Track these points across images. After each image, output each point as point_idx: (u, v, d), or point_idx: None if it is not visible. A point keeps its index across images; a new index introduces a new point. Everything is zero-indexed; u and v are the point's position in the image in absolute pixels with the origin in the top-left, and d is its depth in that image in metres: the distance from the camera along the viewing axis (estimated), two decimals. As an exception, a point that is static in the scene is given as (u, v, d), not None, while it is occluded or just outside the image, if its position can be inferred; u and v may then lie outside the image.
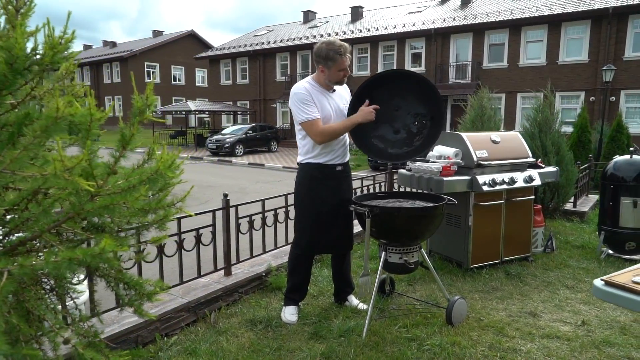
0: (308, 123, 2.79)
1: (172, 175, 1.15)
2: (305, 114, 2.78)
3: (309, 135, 2.80)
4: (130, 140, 1.12)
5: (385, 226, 2.72)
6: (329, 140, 2.80)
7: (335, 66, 2.77)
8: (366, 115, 2.75)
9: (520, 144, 4.10)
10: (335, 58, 2.75)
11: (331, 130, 2.77)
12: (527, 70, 19.60)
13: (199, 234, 3.14)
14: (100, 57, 39.05)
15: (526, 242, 4.12)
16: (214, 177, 13.84)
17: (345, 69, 2.80)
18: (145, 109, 1.13)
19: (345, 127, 2.78)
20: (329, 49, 2.75)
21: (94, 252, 0.88)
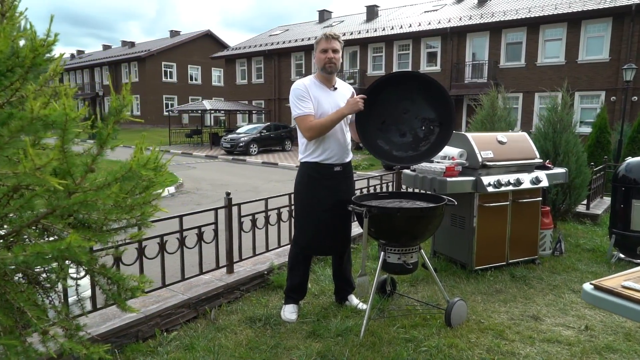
0: (299, 118, 2.81)
1: (147, 173, 1.17)
2: (298, 109, 2.80)
3: (300, 131, 2.83)
4: (107, 140, 1.14)
5: (384, 226, 2.72)
6: (318, 135, 2.80)
7: (318, 47, 2.84)
8: (352, 106, 2.72)
9: (527, 144, 4.04)
10: (320, 39, 2.84)
11: (319, 125, 2.76)
12: (545, 69, 19.26)
13: (201, 232, 3.18)
14: (118, 57, 39.72)
15: (533, 245, 4.06)
16: (227, 176, 13.96)
17: (327, 50, 2.81)
18: (122, 109, 1.15)
19: (332, 121, 2.76)
20: (321, 35, 2.84)
21: (61, 246, 0.91)
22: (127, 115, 1.16)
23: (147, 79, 37.10)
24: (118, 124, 1.14)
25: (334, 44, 2.82)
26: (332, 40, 2.82)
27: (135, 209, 1.21)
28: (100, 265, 1.29)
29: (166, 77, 38.21)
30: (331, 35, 2.82)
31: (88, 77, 43.58)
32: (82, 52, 53.51)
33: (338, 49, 2.85)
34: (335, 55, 2.83)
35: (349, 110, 2.74)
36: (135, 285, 1.35)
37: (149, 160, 1.17)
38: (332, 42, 2.81)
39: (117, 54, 41.66)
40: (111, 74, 40.42)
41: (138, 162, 1.12)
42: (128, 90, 1.15)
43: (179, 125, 34.76)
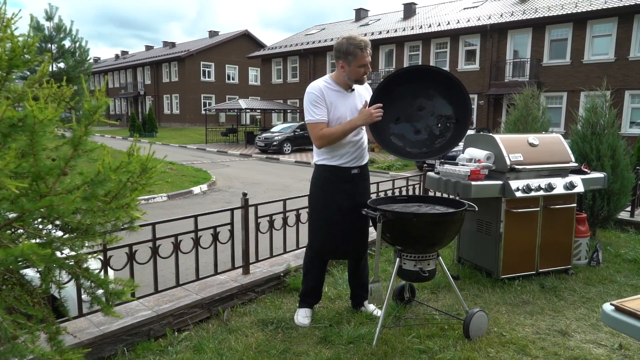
0: (311, 125, 2.73)
1: (119, 176, 1.14)
2: (310, 115, 2.73)
3: (311, 138, 2.74)
4: (80, 142, 1.12)
5: (399, 232, 2.61)
6: (329, 144, 2.72)
7: (355, 62, 2.68)
8: (366, 117, 2.62)
9: (561, 147, 3.80)
10: (356, 53, 2.65)
11: (329, 134, 2.68)
12: (592, 67, 18.30)
13: (216, 232, 3.17)
14: (159, 57, 40.96)
15: (566, 254, 3.82)
16: (260, 175, 14.09)
17: (366, 64, 2.70)
18: (96, 110, 1.12)
19: (344, 131, 2.68)
20: (350, 44, 2.66)
21: (14, 252, 0.88)
22: (102, 117, 1.13)
23: (186, 78, 38.07)
24: (92, 126, 1.11)
25: (369, 56, 2.70)
26: (370, 52, 2.69)
27: (107, 214, 1.18)
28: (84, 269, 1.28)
29: (204, 76, 39.08)
30: (369, 46, 2.68)
31: (131, 77, 45.21)
32: (126, 53, 55.59)
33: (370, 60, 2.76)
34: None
35: (362, 122, 2.64)
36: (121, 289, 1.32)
37: (122, 163, 1.13)
38: (368, 55, 2.68)
39: (158, 54, 42.98)
40: (152, 73, 41.75)
41: (108, 165, 1.09)
42: (103, 92, 1.12)
43: (216, 124, 35.46)
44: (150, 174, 1.25)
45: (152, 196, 9.43)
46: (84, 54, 17.68)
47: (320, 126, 2.70)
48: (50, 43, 16.82)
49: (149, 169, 1.26)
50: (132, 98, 44.75)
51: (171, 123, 40.00)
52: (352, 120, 2.67)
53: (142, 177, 1.24)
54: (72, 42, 17.14)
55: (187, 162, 16.77)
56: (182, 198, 9.99)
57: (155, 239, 2.83)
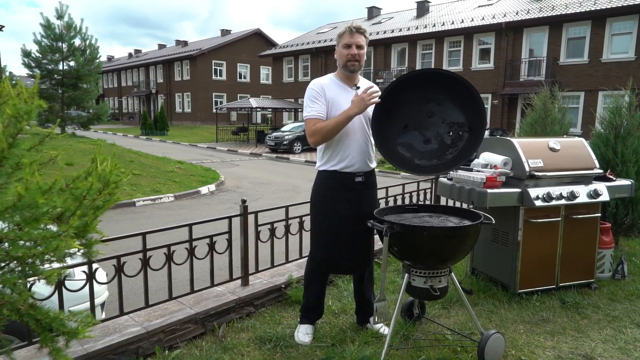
0: (306, 121, 2.53)
1: (44, 202, 0.94)
2: (306, 111, 2.53)
3: (306, 135, 2.54)
4: (4, 156, 0.92)
5: (408, 246, 2.39)
6: (323, 140, 2.50)
7: (340, 42, 2.53)
8: (358, 103, 2.37)
9: (585, 152, 3.54)
10: (342, 32, 2.52)
11: (321, 127, 2.45)
12: (612, 66, 17.77)
13: (213, 242, 2.98)
14: (172, 56, 41.08)
15: (589, 266, 3.56)
16: (269, 174, 13.93)
17: (351, 46, 2.49)
18: (22, 118, 0.92)
19: (338, 123, 2.43)
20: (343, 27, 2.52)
21: None
22: (34, 125, 0.93)
23: (198, 77, 38.10)
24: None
25: (359, 38, 2.50)
26: (357, 34, 2.49)
27: (38, 243, 0.98)
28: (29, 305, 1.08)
29: (216, 75, 39.09)
30: (356, 28, 2.50)
31: (143, 75, 45.43)
32: (140, 52, 55.95)
33: (363, 45, 2.53)
34: (359, 51, 2.51)
35: (356, 110, 2.39)
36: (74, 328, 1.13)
37: (55, 183, 0.94)
38: (356, 37, 2.49)
39: (170, 53, 43.13)
40: (164, 72, 41.91)
41: (36, 187, 0.89)
42: (34, 93, 0.92)
43: (227, 123, 35.44)
44: (111, 189, 1.05)
45: (159, 196, 9.31)
46: (94, 52, 17.75)
47: (315, 121, 2.49)
48: (61, 41, 16.90)
49: (110, 184, 1.05)
50: (145, 96, 44.98)
51: (182, 121, 40.10)
52: (346, 111, 2.43)
53: (103, 194, 1.03)
54: (82, 40, 17.22)
55: (197, 161, 16.69)
56: (189, 198, 9.86)
57: (146, 250, 2.64)
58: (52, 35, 16.94)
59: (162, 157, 14.59)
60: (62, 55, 17.18)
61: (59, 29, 17.06)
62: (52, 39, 16.99)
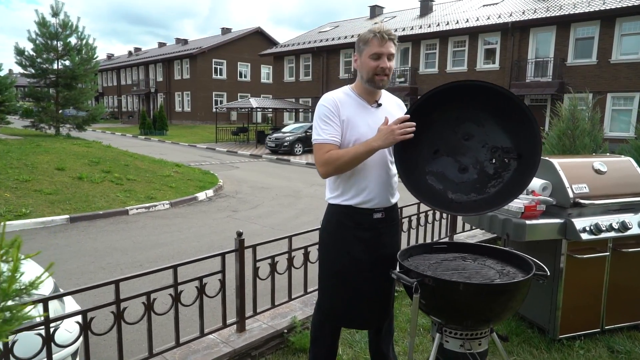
0: (316, 146, 2.05)
1: None
2: (316, 133, 2.06)
3: (315, 163, 2.08)
4: None
5: (442, 302, 1.93)
6: (336, 173, 2.04)
7: (367, 49, 2.00)
8: (386, 136, 1.90)
9: (634, 173, 3.07)
10: (367, 38, 1.99)
11: (336, 158, 1.98)
12: (621, 67, 17.31)
13: (203, 284, 2.51)
14: (171, 54, 40.61)
15: (639, 306, 3.09)
16: (269, 178, 13.48)
17: (381, 56, 1.98)
18: None
19: (357, 156, 1.96)
20: (367, 29, 2.02)
21: None
22: None
23: (198, 75, 37.63)
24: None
25: (390, 47, 1.99)
26: (388, 41, 1.99)
27: None
28: None
29: (216, 74, 38.61)
30: (387, 34, 1.98)
31: (143, 74, 44.95)
32: (139, 50, 55.46)
33: (394, 54, 2.04)
34: (390, 63, 2.02)
35: (381, 143, 1.93)
36: None
37: None
38: (387, 45, 1.98)
39: (170, 52, 42.65)
40: (164, 71, 41.43)
41: None
42: None
43: (227, 122, 34.98)
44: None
45: (153, 204, 8.85)
46: (91, 51, 17.24)
47: (327, 148, 2.02)
48: (56, 40, 16.39)
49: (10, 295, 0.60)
50: (144, 95, 44.52)
51: (182, 121, 39.63)
52: (369, 142, 1.96)
53: None
54: (78, 39, 16.68)
55: (195, 163, 16.23)
56: (185, 205, 9.40)
57: (120, 301, 2.17)
58: (47, 33, 16.44)
59: (159, 160, 14.12)
60: (57, 54, 16.67)
61: (54, 27, 16.55)
62: (47, 37, 16.48)
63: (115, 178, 10.12)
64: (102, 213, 7.96)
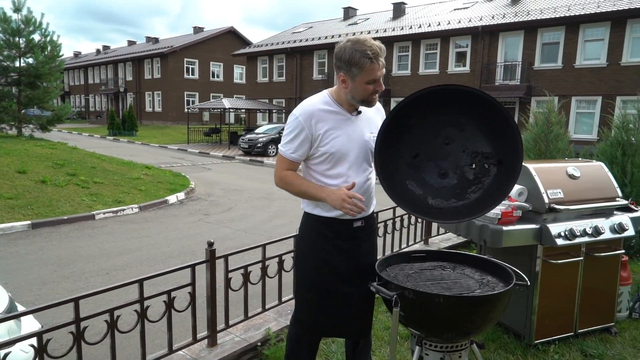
0: (279, 156, 2.05)
1: None
2: (283, 144, 2.02)
3: (275, 170, 2.09)
4: None
5: (421, 316, 1.87)
6: (284, 189, 2.08)
7: (361, 75, 1.88)
8: (335, 200, 1.89)
9: (606, 179, 3.11)
10: (363, 64, 1.85)
11: (288, 183, 2.03)
12: (585, 71, 17.93)
13: (171, 298, 2.38)
14: (142, 53, 39.66)
15: (609, 309, 3.14)
16: (242, 180, 13.28)
17: (378, 80, 1.91)
18: None
19: (305, 194, 2.02)
20: (356, 50, 1.86)
21: None
22: None
23: (169, 75, 36.88)
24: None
25: (383, 67, 1.93)
26: (383, 62, 1.91)
27: None
28: None
29: (188, 73, 37.94)
30: (383, 54, 1.90)
31: (112, 73, 43.74)
32: (108, 48, 53.92)
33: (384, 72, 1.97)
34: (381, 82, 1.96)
35: (329, 202, 1.93)
36: None
37: None
38: (384, 66, 1.92)
39: (140, 50, 41.65)
40: (134, 70, 40.42)
41: None
42: None
43: (199, 123, 34.41)
44: None
45: (121, 208, 8.54)
46: (56, 49, 16.59)
47: (286, 164, 2.01)
48: (18, 36, 15.70)
49: None
50: (113, 95, 43.31)
51: (153, 121, 38.75)
52: (321, 191, 1.96)
53: None
54: (42, 36, 16.02)
55: (166, 164, 15.85)
56: (155, 209, 9.12)
57: (79, 320, 2.02)
58: (9, 29, 15.72)
59: (128, 162, 13.69)
60: (20, 52, 15.97)
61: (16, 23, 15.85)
62: (8, 34, 15.77)
63: (81, 181, 9.74)
64: (66, 218, 7.62)
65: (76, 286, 4.69)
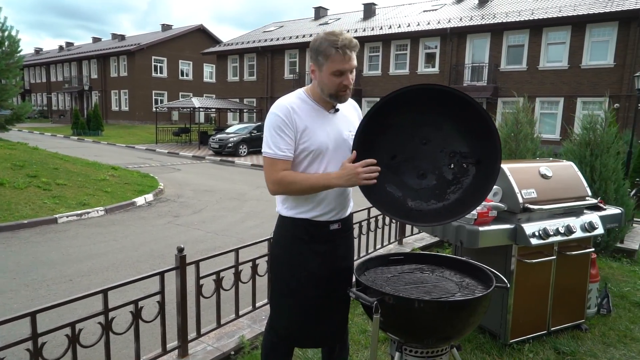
0: (268, 161, 1.88)
1: None
2: (268, 146, 1.87)
3: (265, 177, 1.91)
4: None
5: (401, 321, 1.82)
6: (285, 194, 1.91)
7: (327, 65, 1.81)
8: (349, 178, 1.79)
9: (576, 178, 3.16)
10: (329, 52, 1.79)
11: (290, 182, 1.84)
12: (548, 73, 18.54)
13: (138, 308, 2.25)
14: (108, 50, 38.47)
15: (580, 306, 3.19)
16: (212, 180, 13.03)
17: (344, 73, 1.83)
18: None
19: (313, 187, 1.85)
20: (326, 39, 1.80)
21: None
22: None
23: (136, 73, 35.90)
24: None
25: (353, 60, 1.84)
26: (352, 54, 1.82)
27: None
28: None
29: (156, 72, 37.04)
30: (350, 48, 1.81)
31: (76, 70, 42.23)
32: (71, 45, 52.04)
33: (356, 66, 1.89)
34: (352, 76, 1.87)
35: (343, 184, 1.81)
36: None
37: None
38: (351, 60, 1.83)
39: (106, 47, 40.40)
40: (99, 67, 39.14)
41: None
42: None
43: (168, 122, 33.66)
44: None
45: (86, 211, 8.20)
46: (14, 44, 15.81)
47: (281, 165, 1.85)
48: (-28, 31, 14.86)
49: None
50: (77, 93, 41.80)
51: (119, 120, 37.64)
52: (329, 176, 1.84)
53: None
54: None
55: (134, 165, 15.38)
56: (122, 211, 8.81)
57: (37, 336, 1.87)
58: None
59: (93, 163, 13.20)
60: (-26, 47, 15.14)
61: (-31, 17, 15.02)
62: (-39, 28, 14.93)
63: (42, 183, 9.29)
64: (26, 222, 7.24)
65: (37, 294, 4.44)
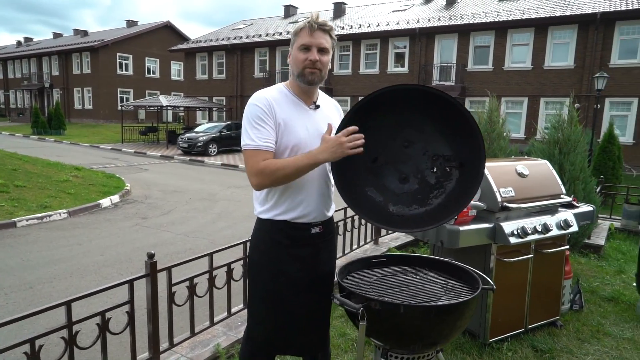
0: (248, 153, 1.75)
1: None
2: (248, 137, 1.76)
3: (247, 172, 1.79)
4: None
5: (386, 327, 1.76)
6: (271, 185, 1.78)
7: (296, 41, 1.79)
8: (335, 149, 1.68)
9: (551, 177, 3.20)
10: (298, 28, 1.79)
11: (274, 169, 1.71)
12: (512, 74, 19.06)
13: (106, 320, 2.10)
14: (69, 46, 36.99)
15: (555, 303, 3.23)
16: (182, 181, 12.69)
17: (310, 48, 1.76)
18: None
19: (299, 168, 1.72)
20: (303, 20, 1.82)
21: None
22: None
23: (100, 70, 34.68)
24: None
25: (321, 38, 1.77)
26: (319, 32, 1.76)
27: None
28: None
29: (121, 69, 35.90)
30: (318, 24, 1.76)
31: (35, 67, 40.42)
32: (30, 40, 49.81)
33: (327, 48, 1.80)
34: (321, 57, 1.78)
35: (328, 156, 1.70)
36: None
37: None
38: (317, 36, 1.76)
39: (68, 43, 38.82)
40: (61, 64, 37.61)
41: None
42: None
43: (134, 121, 32.70)
44: None
45: (47, 214, 7.80)
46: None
47: (262, 155, 1.74)
48: None
49: None
50: (37, 90, 40.02)
51: (83, 119, 36.29)
52: (312, 152, 1.73)
53: None
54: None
55: (98, 166, 14.83)
56: (87, 214, 8.44)
57: None
58: None
59: (54, 163, 12.64)
60: None
61: None
62: None
63: (-1, 185, 8.81)
64: (-20, 227, 6.83)
65: (-8, 305, 4.16)
